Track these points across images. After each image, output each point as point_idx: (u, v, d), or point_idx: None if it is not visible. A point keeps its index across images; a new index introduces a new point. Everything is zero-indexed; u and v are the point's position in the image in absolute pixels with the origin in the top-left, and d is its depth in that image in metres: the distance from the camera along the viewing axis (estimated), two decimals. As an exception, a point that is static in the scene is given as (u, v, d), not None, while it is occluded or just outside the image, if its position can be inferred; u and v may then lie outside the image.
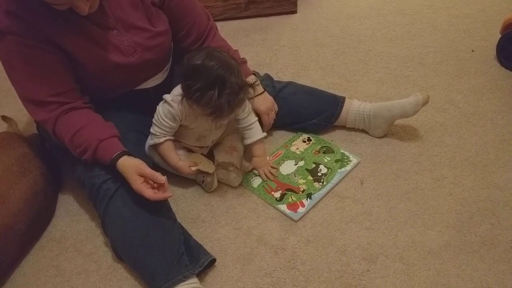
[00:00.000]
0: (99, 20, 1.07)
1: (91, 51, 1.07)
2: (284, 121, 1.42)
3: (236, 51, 1.36)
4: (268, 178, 1.29)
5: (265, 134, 1.29)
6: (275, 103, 1.36)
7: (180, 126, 1.21)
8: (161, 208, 1.08)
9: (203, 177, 1.25)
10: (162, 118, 1.15)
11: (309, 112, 1.40)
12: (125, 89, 1.22)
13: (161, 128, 1.17)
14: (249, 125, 1.25)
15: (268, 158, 1.33)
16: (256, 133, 1.27)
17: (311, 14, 2.16)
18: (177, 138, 1.25)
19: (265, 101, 1.34)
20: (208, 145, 1.30)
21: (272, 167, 1.31)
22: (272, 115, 1.36)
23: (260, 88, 1.33)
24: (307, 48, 1.91)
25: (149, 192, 1.01)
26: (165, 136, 1.19)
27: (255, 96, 1.29)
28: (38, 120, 1.11)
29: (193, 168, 1.21)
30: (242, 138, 1.31)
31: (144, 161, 1.05)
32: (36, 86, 1.04)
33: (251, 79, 1.34)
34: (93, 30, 1.07)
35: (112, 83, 1.17)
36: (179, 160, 1.22)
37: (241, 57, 1.37)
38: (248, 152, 1.34)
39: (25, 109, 1.10)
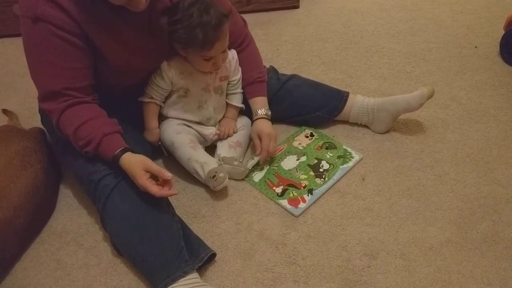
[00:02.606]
0: (132, 21, 1.07)
1: (118, 50, 1.08)
2: (288, 113, 1.41)
3: (264, 67, 1.37)
4: (223, 135, 1.32)
5: (242, 106, 1.35)
6: (277, 135, 1.32)
7: (179, 92, 1.24)
8: (160, 204, 1.08)
9: (216, 172, 1.20)
10: (153, 77, 1.21)
11: (313, 104, 1.40)
12: (137, 89, 1.23)
13: (150, 87, 1.22)
14: (234, 93, 1.33)
15: (234, 124, 1.36)
16: (236, 99, 1.34)
17: (313, 9, 2.15)
18: (181, 115, 1.27)
19: (268, 126, 1.30)
20: (211, 116, 1.30)
21: (232, 132, 1.34)
22: (273, 144, 1.28)
23: (268, 116, 1.32)
24: (309, 44, 1.90)
25: (154, 188, 1.01)
26: (151, 98, 1.23)
27: (261, 118, 1.30)
28: (45, 108, 1.08)
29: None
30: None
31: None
32: (55, 77, 1.03)
33: (263, 104, 1.32)
34: (124, 30, 1.07)
35: (130, 80, 1.18)
36: (156, 127, 1.28)
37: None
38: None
39: (26, 103, 1.09)
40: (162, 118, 1.31)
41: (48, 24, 0.97)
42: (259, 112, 1.31)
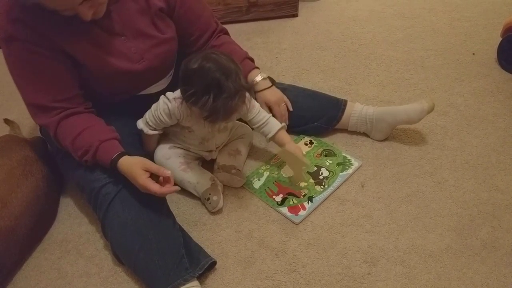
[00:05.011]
0: (107, 26, 1.08)
1: (98, 57, 1.08)
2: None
3: (246, 54, 1.35)
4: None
5: (283, 124, 1.26)
6: (285, 96, 1.35)
7: (183, 128, 1.22)
8: (160, 211, 1.09)
9: (209, 194, 1.21)
10: (160, 112, 1.15)
11: (311, 114, 1.40)
12: (130, 95, 1.23)
13: (155, 120, 1.17)
14: (264, 122, 1.23)
15: (299, 149, 1.26)
16: (273, 125, 1.24)
17: (312, 17, 2.17)
18: (181, 141, 1.26)
19: (274, 93, 1.32)
20: (212, 149, 1.30)
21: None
22: (284, 106, 1.33)
23: (267, 83, 1.32)
24: (308, 52, 1.91)
25: (155, 187, 1.00)
26: (155, 130, 1.20)
27: (263, 90, 1.30)
28: (40, 124, 1.12)
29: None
30: (263, 135, 1.27)
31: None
32: (40, 92, 1.05)
33: (259, 72, 1.31)
34: (101, 36, 1.07)
35: (117, 88, 1.18)
36: (154, 149, 1.28)
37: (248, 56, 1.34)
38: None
39: (27, 113, 1.10)
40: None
41: (21, 43, 1.00)
42: (257, 78, 1.29)
